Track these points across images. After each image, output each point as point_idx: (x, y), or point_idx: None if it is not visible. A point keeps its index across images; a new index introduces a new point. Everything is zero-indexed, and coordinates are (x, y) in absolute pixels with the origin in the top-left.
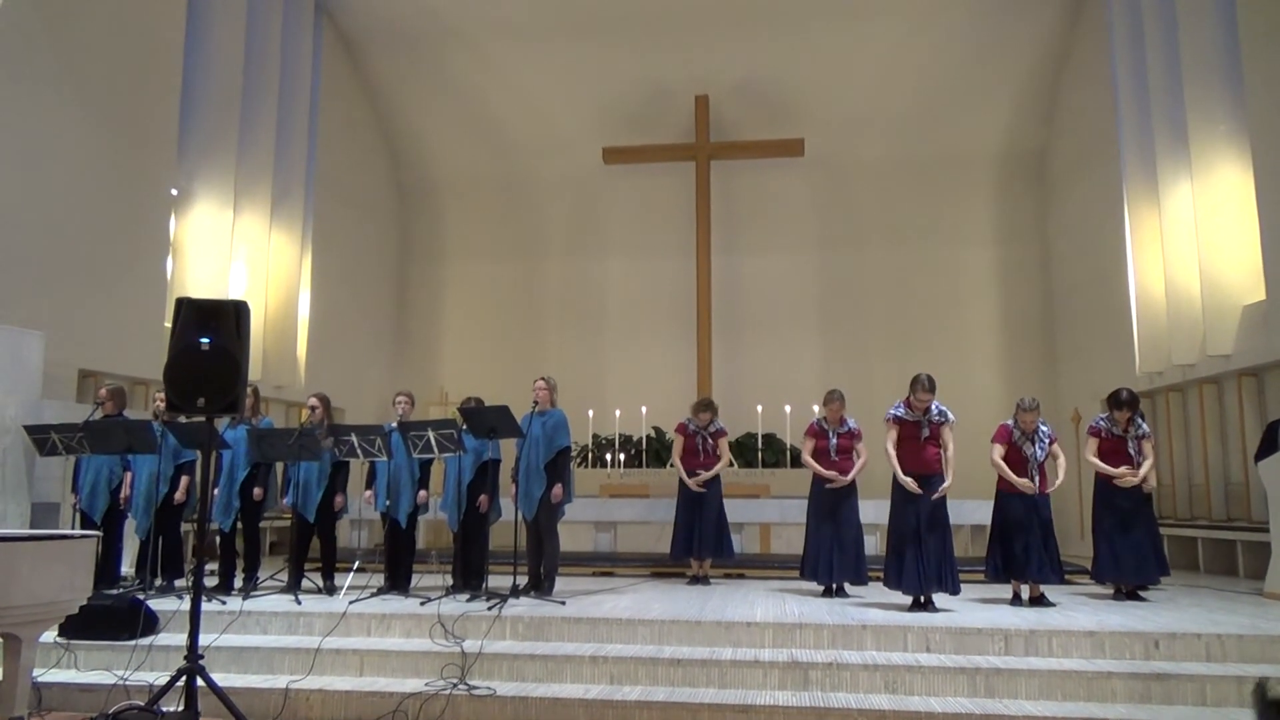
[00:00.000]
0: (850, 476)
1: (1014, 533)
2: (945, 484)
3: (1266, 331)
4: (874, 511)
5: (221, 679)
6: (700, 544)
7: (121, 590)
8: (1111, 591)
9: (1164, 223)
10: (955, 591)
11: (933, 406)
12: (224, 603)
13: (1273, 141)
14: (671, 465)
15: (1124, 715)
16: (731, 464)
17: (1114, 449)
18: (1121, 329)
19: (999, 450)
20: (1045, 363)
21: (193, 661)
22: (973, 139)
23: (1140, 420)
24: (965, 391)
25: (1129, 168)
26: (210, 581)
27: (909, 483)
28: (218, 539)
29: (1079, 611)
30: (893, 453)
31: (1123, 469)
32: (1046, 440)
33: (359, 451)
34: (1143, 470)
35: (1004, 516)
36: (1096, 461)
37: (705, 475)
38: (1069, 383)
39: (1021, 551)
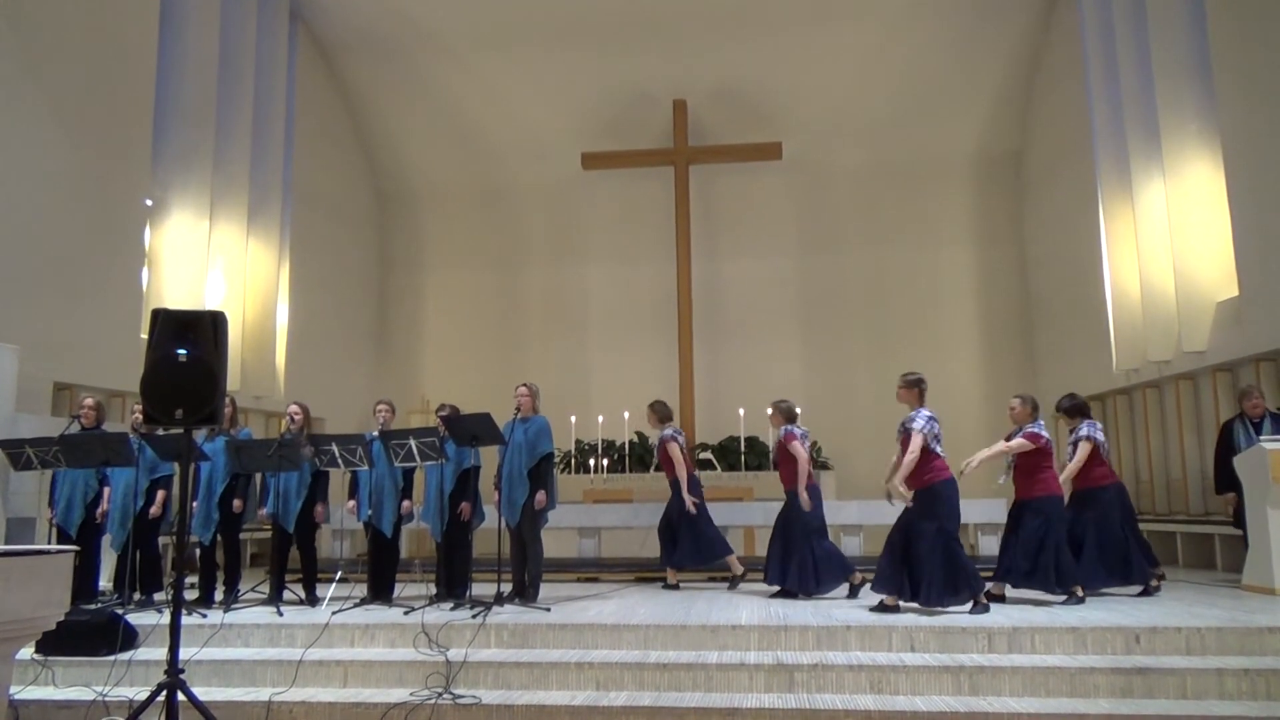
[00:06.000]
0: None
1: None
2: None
3: (1240, 327)
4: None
5: (203, 693)
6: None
7: (100, 605)
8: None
9: (1138, 222)
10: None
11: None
12: (204, 616)
13: (1243, 140)
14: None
15: (1107, 710)
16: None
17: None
18: (1099, 327)
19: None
20: (1024, 362)
21: (173, 676)
22: (949, 142)
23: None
24: (945, 392)
25: (1103, 168)
26: (190, 595)
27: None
28: (197, 551)
29: (1061, 608)
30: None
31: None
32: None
33: (340, 461)
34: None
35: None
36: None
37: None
38: (1048, 381)
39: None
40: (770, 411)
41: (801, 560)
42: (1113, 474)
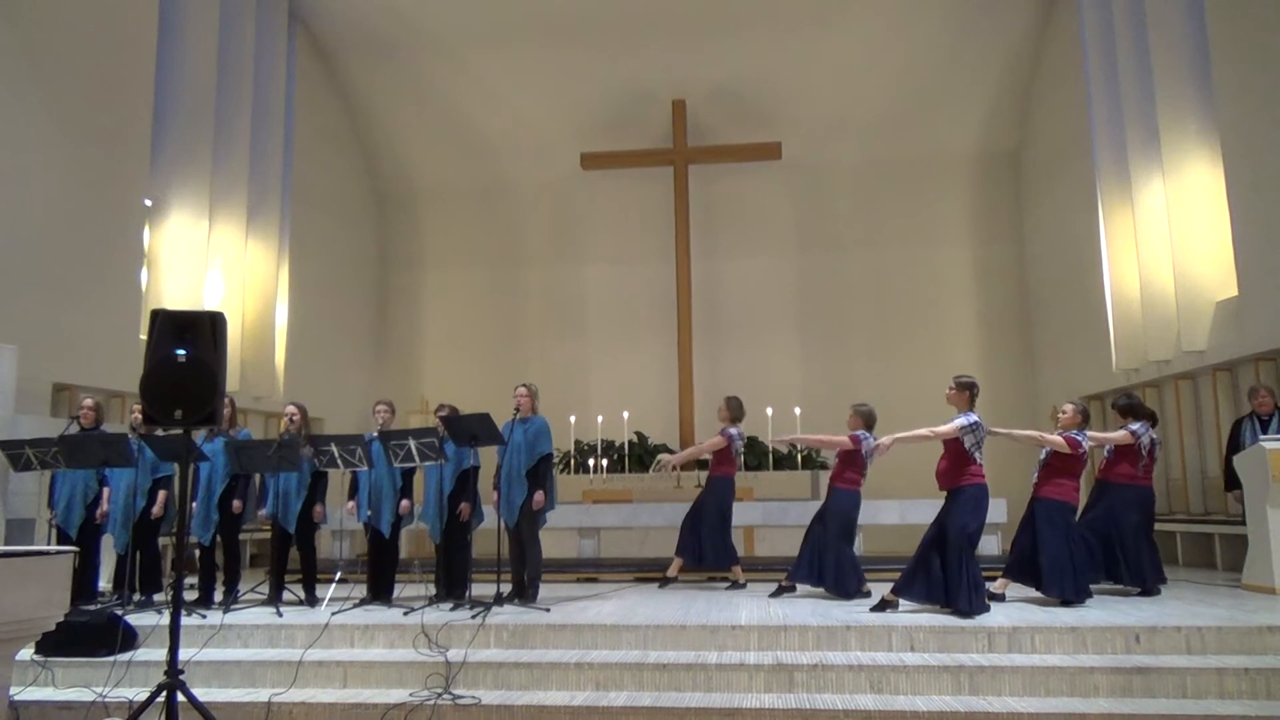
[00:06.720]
0: None
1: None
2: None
3: (1239, 327)
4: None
5: (202, 694)
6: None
7: (99, 606)
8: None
9: (1138, 221)
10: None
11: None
12: (204, 616)
13: (1242, 139)
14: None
15: (1107, 709)
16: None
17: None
18: (1098, 326)
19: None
20: (1023, 361)
21: (173, 676)
22: (948, 141)
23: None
24: (944, 391)
25: (1102, 167)
26: (190, 595)
27: None
28: (196, 552)
29: (1061, 607)
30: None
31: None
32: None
33: (339, 461)
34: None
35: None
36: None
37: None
38: (1047, 380)
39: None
40: (850, 413)
41: (836, 560)
42: (1144, 479)
